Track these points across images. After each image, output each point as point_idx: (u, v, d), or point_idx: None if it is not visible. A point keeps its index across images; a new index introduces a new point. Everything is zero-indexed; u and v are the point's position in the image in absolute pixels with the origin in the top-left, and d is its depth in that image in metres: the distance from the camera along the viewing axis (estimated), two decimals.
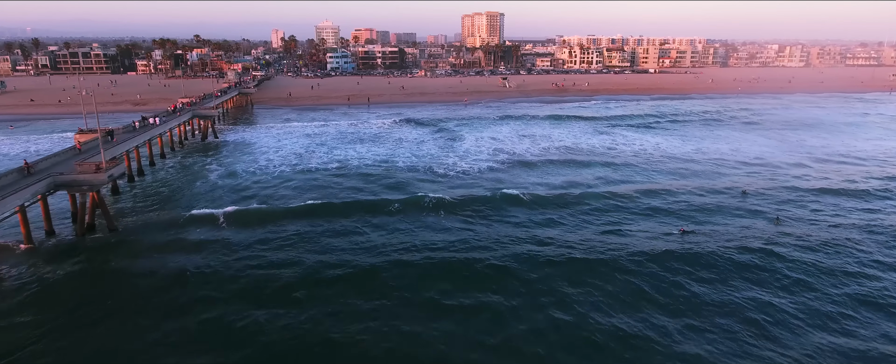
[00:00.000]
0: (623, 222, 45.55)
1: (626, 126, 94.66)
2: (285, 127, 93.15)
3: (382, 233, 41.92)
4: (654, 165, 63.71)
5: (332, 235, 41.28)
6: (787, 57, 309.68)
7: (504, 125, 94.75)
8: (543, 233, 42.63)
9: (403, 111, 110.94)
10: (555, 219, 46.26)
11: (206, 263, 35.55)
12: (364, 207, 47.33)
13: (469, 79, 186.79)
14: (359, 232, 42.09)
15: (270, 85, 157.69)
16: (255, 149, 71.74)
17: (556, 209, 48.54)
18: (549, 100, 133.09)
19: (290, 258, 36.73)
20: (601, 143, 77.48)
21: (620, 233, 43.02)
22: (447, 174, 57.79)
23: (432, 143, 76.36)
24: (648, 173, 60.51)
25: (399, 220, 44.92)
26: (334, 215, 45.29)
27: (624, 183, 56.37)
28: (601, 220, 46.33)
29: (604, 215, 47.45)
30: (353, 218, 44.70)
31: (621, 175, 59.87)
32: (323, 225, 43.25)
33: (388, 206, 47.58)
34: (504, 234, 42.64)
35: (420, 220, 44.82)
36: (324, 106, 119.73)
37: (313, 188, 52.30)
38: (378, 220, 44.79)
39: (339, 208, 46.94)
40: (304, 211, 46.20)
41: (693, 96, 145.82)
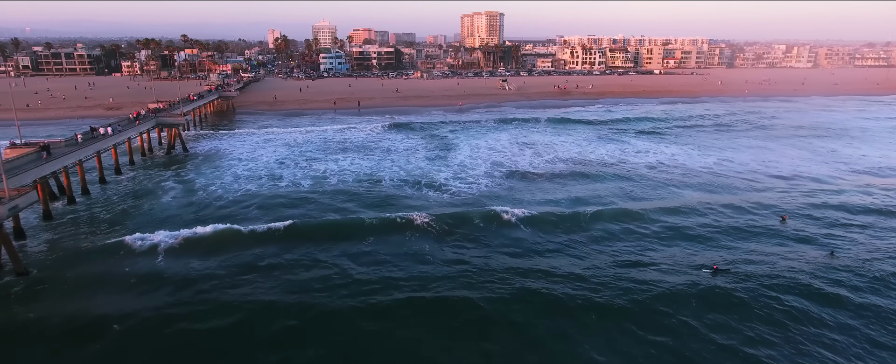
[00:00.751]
0: (643, 252, 38.57)
1: (636, 133, 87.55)
2: (265, 134, 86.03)
3: (356, 266, 35.08)
4: (673, 180, 56.58)
5: (295, 269, 34.42)
6: (795, 58, 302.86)
7: (503, 132, 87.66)
8: (549, 264, 36.01)
9: (395, 116, 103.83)
10: (562, 247, 39.37)
11: (135, 309, 28.75)
12: (336, 233, 40.30)
13: (467, 80, 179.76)
14: (327, 264, 35.17)
15: (257, 87, 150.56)
16: (225, 161, 64.56)
17: (562, 234, 41.67)
18: (552, 103, 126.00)
19: (239, 300, 30.06)
20: (610, 154, 70.38)
21: (641, 266, 36.15)
22: (438, 192, 50.66)
23: (424, 154, 69.22)
24: (667, 189, 53.39)
25: (377, 248, 38.04)
26: (300, 242, 38.36)
27: (640, 201, 49.33)
28: (616, 247, 39.42)
29: (619, 242, 40.52)
30: (323, 246, 37.79)
31: (636, 191, 52.80)
32: (284, 255, 36.33)
33: (366, 231, 40.64)
34: (502, 266, 35.91)
35: (403, 249, 38.03)
36: (311, 110, 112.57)
37: (280, 209, 45.17)
38: (353, 248, 37.95)
39: (305, 233, 39.95)
40: (262, 237, 39.18)
41: (703, 99, 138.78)
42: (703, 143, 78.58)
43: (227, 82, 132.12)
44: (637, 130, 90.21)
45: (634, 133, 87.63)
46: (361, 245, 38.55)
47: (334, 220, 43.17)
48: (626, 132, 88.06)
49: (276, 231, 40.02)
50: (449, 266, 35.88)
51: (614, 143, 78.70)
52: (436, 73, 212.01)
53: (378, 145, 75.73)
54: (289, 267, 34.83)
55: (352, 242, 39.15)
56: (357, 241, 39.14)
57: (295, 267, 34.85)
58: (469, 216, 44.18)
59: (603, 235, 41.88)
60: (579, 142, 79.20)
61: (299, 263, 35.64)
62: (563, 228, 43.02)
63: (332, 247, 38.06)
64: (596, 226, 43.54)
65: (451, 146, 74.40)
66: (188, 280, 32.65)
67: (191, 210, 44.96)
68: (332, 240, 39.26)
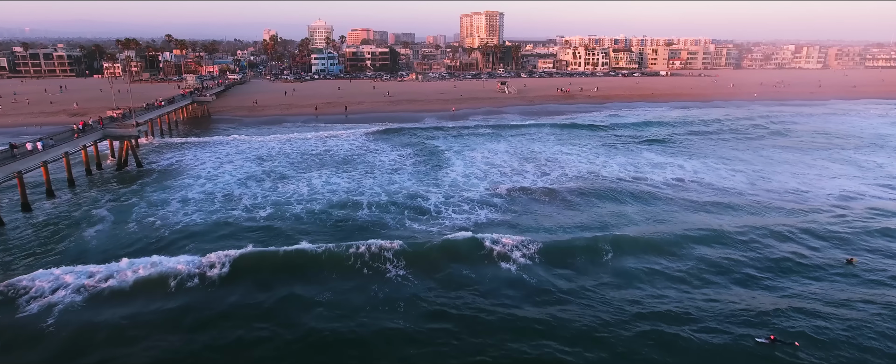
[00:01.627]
0: (674, 300, 31.00)
1: (649, 142, 79.19)
2: (238, 144, 77.63)
3: (303, 320, 28.20)
4: (701, 202, 48.24)
5: (224, 324, 26.84)
6: (805, 58, 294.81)
7: (502, 141, 79.33)
8: (552, 319, 28.95)
9: (385, 123, 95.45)
10: (570, 293, 32.02)
11: None
12: (283, 274, 32.84)
13: (464, 83, 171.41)
14: (266, 318, 27.64)
15: (240, 90, 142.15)
16: (181, 180, 56.17)
17: (571, 274, 34.59)
18: (554, 108, 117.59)
19: None
20: (623, 169, 62.05)
21: (672, 320, 29.29)
22: (425, 223, 42.30)
23: (411, 171, 60.88)
24: (695, 214, 45.12)
25: (334, 295, 30.79)
26: (236, 287, 31.06)
27: (664, 228, 41.28)
28: (639, 292, 32.27)
29: (642, 284, 33.07)
30: (264, 294, 30.15)
31: (659, 216, 44.67)
32: (215, 304, 29.08)
33: (322, 269, 33.45)
34: (492, 322, 28.60)
35: (367, 296, 30.93)
36: (294, 116, 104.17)
37: (224, 244, 36.83)
38: (303, 294, 30.91)
39: (244, 274, 32.27)
40: (190, 285, 31.60)
41: (716, 103, 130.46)
42: (727, 155, 70.21)
43: (206, 85, 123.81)
44: (650, 139, 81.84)
45: (647, 143, 79.28)
46: (315, 290, 31.43)
47: (284, 253, 35.12)
48: (638, 142, 79.70)
49: (209, 275, 32.15)
50: (423, 322, 28.33)
51: (626, 155, 70.36)
52: (432, 75, 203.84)
53: (361, 159, 67.39)
54: (216, 321, 27.38)
55: (304, 285, 31.81)
56: (310, 284, 31.89)
57: (225, 321, 27.42)
58: (455, 248, 36.37)
59: (622, 275, 34.35)
60: (587, 154, 70.87)
61: (232, 316, 28.40)
62: (573, 266, 35.37)
63: (275, 293, 30.69)
64: (612, 262, 35.89)
65: (444, 160, 66.05)
66: (81, 340, 25.08)
67: (112, 248, 36.58)
68: (277, 284, 31.64)
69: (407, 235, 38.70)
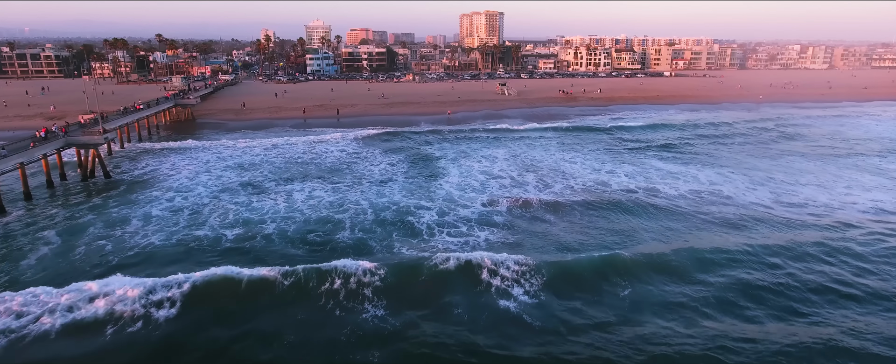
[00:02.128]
0: (702, 350, 26.36)
1: (659, 149, 74.45)
2: (220, 150, 72.90)
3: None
4: (720, 220, 43.47)
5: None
6: (810, 58, 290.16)
7: (501, 148, 74.61)
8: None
9: (378, 127, 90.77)
10: (580, 336, 28.04)
11: None
12: (238, 304, 28.23)
13: (462, 84, 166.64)
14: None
15: (230, 92, 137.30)
16: (149, 193, 51.37)
17: (577, 305, 31.02)
18: (557, 111, 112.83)
19: None
20: (632, 179, 57.30)
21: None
22: (415, 247, 37.53)
23: (402, 181, 56.13)
24: (715, 234, 40.41)
25: (306, 330, 26.17)
26: (185, 326, 26.16)
27: (682, 254, 36.43)
28: (661, 327, 29.06)
29: (662, 324, 29.00)
30: (217, 329, 25.38)
31: (674, 236, 39.97)
32: (155, 343, 24.45)
33: (292, 303, 28.59)
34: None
35: (344, 332, 26.86)
36: (283, 120, 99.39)
37: (182, 266, 32.14)
38: (269, 327, 26.40)
39: (193, 308, 27.50)
40: (129, 329, 26.60)
41: (725, 105, 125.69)
42: (743, 163, 65.44)
43: (193, 87, 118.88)
44: (659, 146, 77.09)
45: (657, 149, 74.54)
46: (279, 324, 27.06)
47: (245, 282, 30.53)
48: (647, 149, 74.96)
49: (154, 307, 27.64)
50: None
51: (635, 163, 65.62)
52: (430, 76, 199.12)
53: (349, 168, 62.63)
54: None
55: (267, 318, 27.39)
56: (273, 317, 27.71)
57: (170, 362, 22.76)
58: (447, 276, 31.92)
59: (638, 308, 30.25)
60: (592, 162, 66.11)
61: (180, 354, 24.83)
62: (582, 297, 31.21)
63: (232, 328, 26.71)
64: (627, 292, 31.67)
65: (438, 169, 61.31)
66: None
67: (50, 278, 31.75)
68: (235, 317, 27.34)
69: (392, 261, 33.96)
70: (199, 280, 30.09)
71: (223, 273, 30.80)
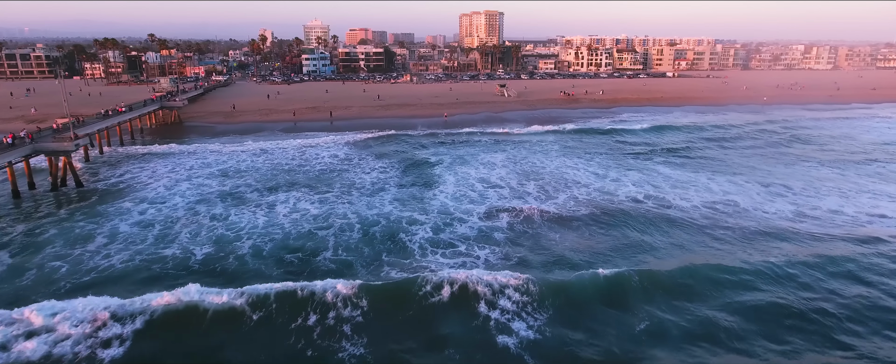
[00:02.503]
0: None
1: (667, 154, 70.97)
2: (205, 156, 69.39)
3: None
4: (739, 234, 39.98)
5: None
6: (814, 59, 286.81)
7: (500, 152, 71.14)
8: None
9: (372, 131, 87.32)
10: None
11: None
12: (211, 338, 24.89)
13: (461, 85, 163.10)
14: None
15: (221, 94, 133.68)
16: (120, 204, 47.81)
17: (589, 346, 26.94)
18: (558, 114, 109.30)
19: None
20: (640, 188, 53.78)
21: None
22: (406, 268, 34.00)
23: (395, 191, 52.64)
24: (735, 251, 36.93)
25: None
26: (139, 358, 22.50)
27: (701, 273, 33.03)
28: (681, 356, 24.01)
29: (685, 356, 25.04)
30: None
31: (692, 255, 36.46)
32: None
33: (260, 332, 25.38)
34: None
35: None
36: (273, 123, 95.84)
37: (143, 291, 28.67)
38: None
39: (156, 335, 24.09)
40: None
41: (731, 107, 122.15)
42: (758, 170, 61.90)
43: (183, 88, 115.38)
44: (666, 151, 73.64)
45: (664, 155, 71.06)
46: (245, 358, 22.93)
47: (210, 312, 26.94)
48: (653, 154, 71.48)
49: (101, 339, 24.12)
50: None
51: (642, 170, 62.12)
52: (429, 77, 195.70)
53: (340, 175, 59.12)
54: None
55: (233, 351, 23.76)
56: (240, 351, 23.76)
57: None
58: (439, 301, 28.54)
59: (657, 336, 27.62)
60: (596, 168, 62.60)
61: None
62: (592, 326, 28.41)
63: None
64: (642, 318, 28.65)
65: (434, 177, 57.83)
66: None
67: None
68: (196, 349, 23.64)
69: (376, 288, 30.42)
70: (156, 311, 26.57)
71: (184, 302, 27.26)
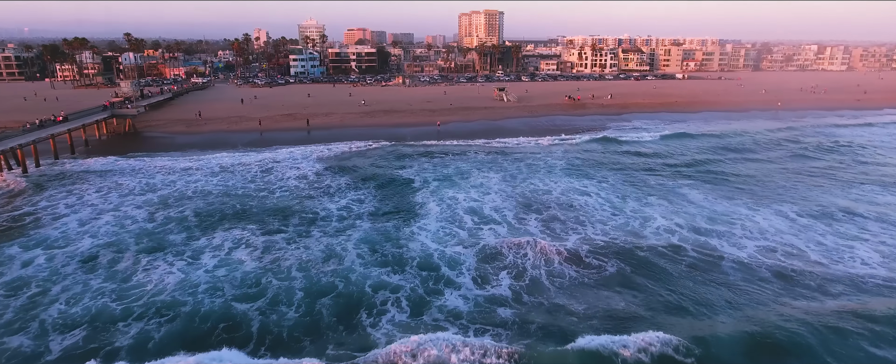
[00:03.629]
0: None
1: (694, 173, 60.60)
2: (150, 177, 58.97)
3: None
4: (828, 310, 29.39)
5: None
6: (828, 59, 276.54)
7: (496, 171, 60.80)
8: None
9: (352, 143, 76.92)
10: None
11: None
12: None
13: (457, 88, 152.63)
14: None
15: (192, 98, 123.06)
16: (8, 250, 37.32)
17: None
18: (563, 122, 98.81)
19: None
20: (671, 223, 43.36)
21: None
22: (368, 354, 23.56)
23: (366, 228, 42.22)
24: (826, 333, 26.37)
25: None
26: None
27: None
28: None
29: None
30: None
31: (765, 334, 25.83)
32: None
33: None
34: None
35: None
36: (241, 133, 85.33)
37: None
38: None
39: None
40: None
41: (753, 113, 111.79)
42: (809, 198, 51.37)
43: (150, 92, 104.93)
44: (691, 168, 63.36)
45: (690, 173, 60.73)
46: None
47: None
48: (677, 173, 61.10)
49: None
50: None
51: (667, 196, 51.70)
52: (423, 78, 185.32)
53: (300, 205, 48.68)
54: None
55: None
56: None
57: None
58: None
59: None
60: (612, 194, 52.17)
61: None
62: None
63: None
64: None
65: (416, 207, 47.46)
66: None
67: None
68: None
69: None
70: None
71: None
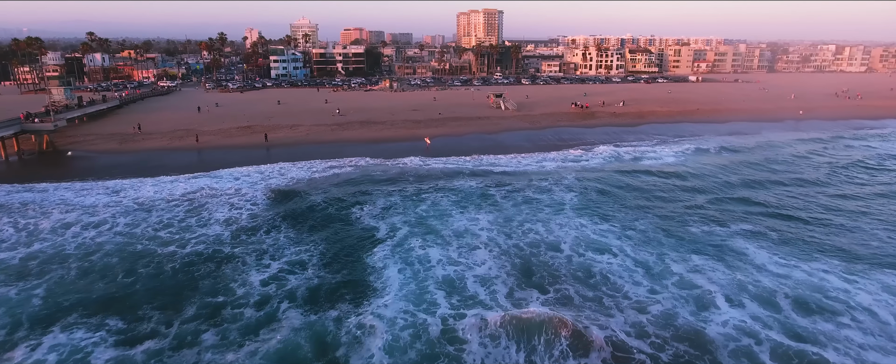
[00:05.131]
0: None
1: (748, 212, 46.63)
2: (33, 220, 45.20)
3: None
4: None
5: None
6: (846, 60, 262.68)
7: (487, 211, 46.82)
8: None
9: (312, 165, 63.06)
10: None
11: None
12: None
13: (449, 93, 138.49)
14: None
15: (145, 106, 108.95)
16: None
17: None
18: (570, 135, 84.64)
19: None
20: (740, 306, 29.47)
21: None
22: None
23: (291, 324, 28.23)
24: None
25: None
26: None
27: None
28: None
29: None
30: None
31: None
32: None
33: None
34: None
35: None
36: (184, 152, 71.38)
37: None
38: None
39: None
40: None
41: (788, 123, 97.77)
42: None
43: (91, 98, 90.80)
44: (745, 205, 49.33)
45: (745, 214, 46.69)
46: None
47: None
48: (726, 212, 47.06)
49: None
50: None
51: (723, 256, 37.66)
52: (414, 82, 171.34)
53: (211, 277, 34.70)
54: None
55: None
56: None
57: None
58: None
59: None
60: (645, 251, 38.12)
61: None
62: None
63: None
64: None
65: (371, 277, 33.50)
66: None
67: None
68: None
69: None
70: None
71: None
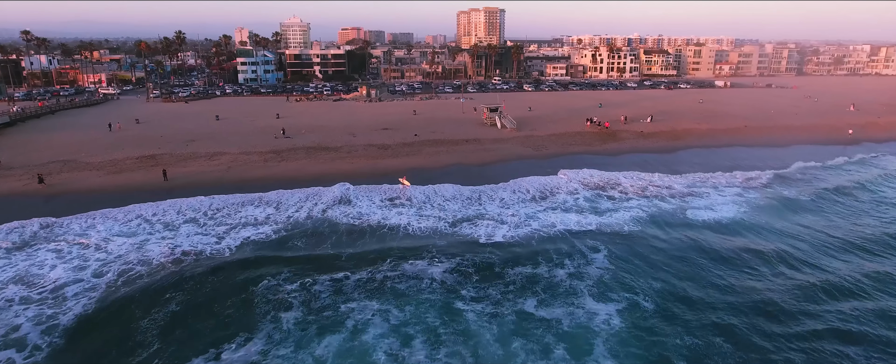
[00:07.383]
0: None
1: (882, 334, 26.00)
2: None
3: None
4: None
5: None
6: (883, 62, 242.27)
7: (454, 341, 26.12)
8: None
9: (206, 232, 42.48)
10: None
11: None
12: None
13: (434, 103, 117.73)
14: None
15: (48, 125, 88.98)
16: None
17: None
18: (589, 172, 63.48)
19: None
20: None
21: None
22: None
23: None
24: None
25: None
26: None
27: None
28: None
29: None
30: None
31: None
32: None
33: None
34: None
35: None
36: (36, 201, 50.93)
37: None
38: None
39: None
40: None
41: (866, 146, 77.11)
42: None
43: None
44: (879, 318, 28.70)
45: (878, 337, 26.10)
46: None
47: None
48: (875, 342, 26.45)
49: None
50: None
51: None
52: (398, 88, 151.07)
53: None
54: None
55: None
56: None
57: None
58: None
59: None
60: None
61: None
62: None
63: None
64: None
65: None
66: None
67: None
68: None
69: None
70: None
71: None
